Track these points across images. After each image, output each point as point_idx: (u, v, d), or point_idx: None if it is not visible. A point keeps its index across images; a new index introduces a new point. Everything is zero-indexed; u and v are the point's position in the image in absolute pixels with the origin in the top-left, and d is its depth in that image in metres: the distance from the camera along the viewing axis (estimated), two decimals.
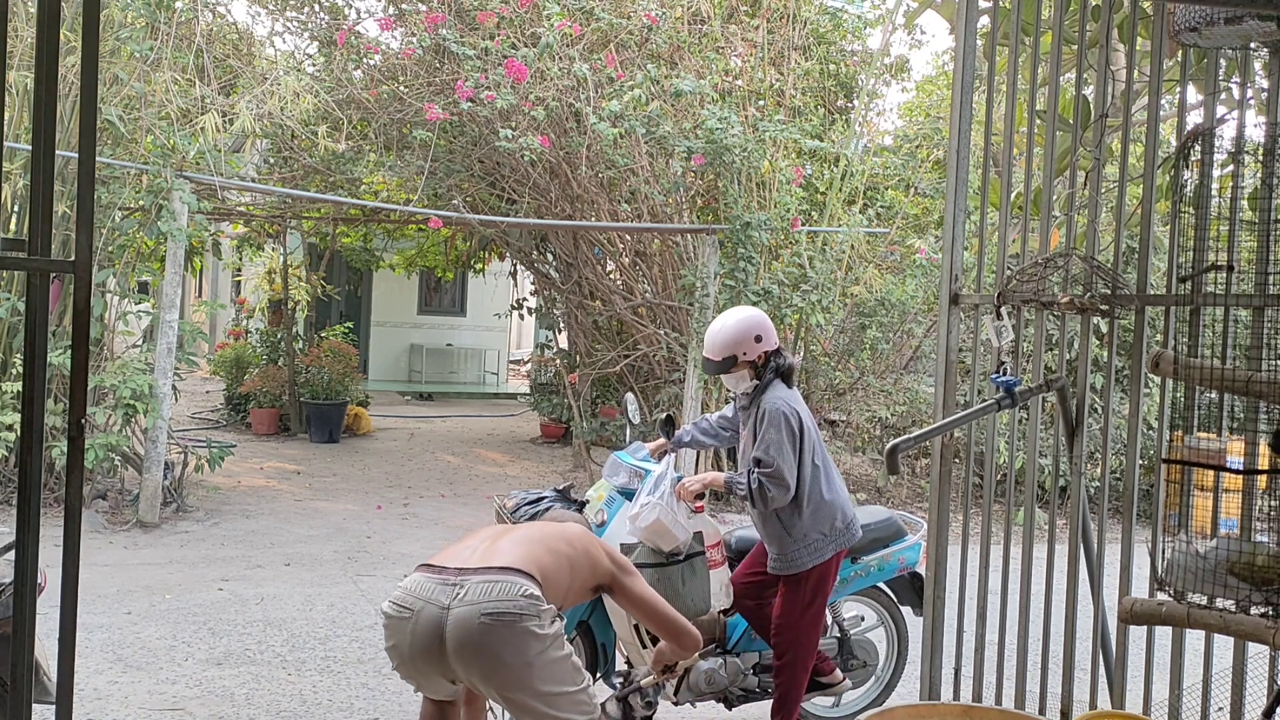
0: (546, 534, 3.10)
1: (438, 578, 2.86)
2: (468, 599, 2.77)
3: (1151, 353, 2.92)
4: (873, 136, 12.01)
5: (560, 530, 3.16)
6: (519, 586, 2.79)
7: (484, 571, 2.83)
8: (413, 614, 2.82)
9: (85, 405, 2.20)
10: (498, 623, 2.73)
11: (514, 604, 2.75)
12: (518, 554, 2.91)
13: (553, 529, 3.17)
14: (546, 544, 3.03)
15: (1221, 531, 2.80)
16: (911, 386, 10.41)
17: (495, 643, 2.73)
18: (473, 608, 2.75)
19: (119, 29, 7.77)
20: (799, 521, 3.93)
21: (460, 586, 2.80)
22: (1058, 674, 3.73)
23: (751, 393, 4.02)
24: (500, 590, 2.78)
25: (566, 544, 3.07)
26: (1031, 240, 3.88)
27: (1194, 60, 3.64)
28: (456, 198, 10.41)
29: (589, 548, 3.14)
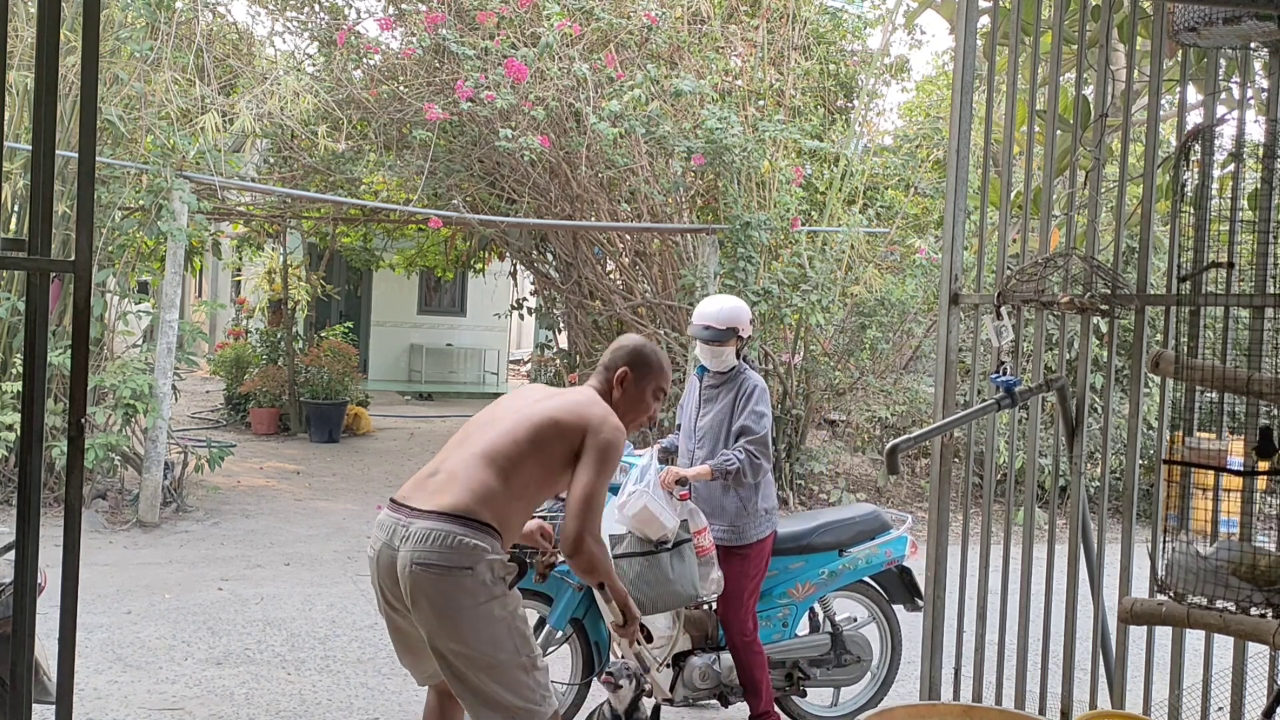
0: (524, 426, 2.92)
1: (394, 516, 2.85)
2: (409, 543, 2.74)
3: (1151, 353, 2.92)
4: (873, 136, 12.00)
5: (548, 410, 2.96)
6: (451, 536, 2.71)
7: (427, 516, 2.77)
8: (375, 554, 2.84)
9: (85, 405, 2.20)
10: (426, 572, 2.70)
11: (442, 554, 2.70)
12: (471, 485, 2.80)
13: (541, 410, 2.97)
14: (517, 444, 2.89)
15: (1222, 532, 2.80)
16: (911, 386, 10.41)
17: (426, 591, 2.70)
18: (409, 553, 2.73)
19: (119, 29, 7.77)
20: (755, 496, 4.15)
21: (407, 527, 2.77)
22: (1058, 674, 3.73)
23: (727, 372, 4.22)
24: (433, 539, 2.72)
25: (552, 425, 2.91)
26: (1031, 240, 3.88)
27: (1194, 60, 3.64)
28: (456, 198, 10.41)
29: (583, 415, 2.95)
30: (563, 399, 3.02)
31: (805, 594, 4.39)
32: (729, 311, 4.18)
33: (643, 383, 3.19)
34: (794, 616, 4.40)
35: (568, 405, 2.97)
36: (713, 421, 4.17)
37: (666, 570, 3.90)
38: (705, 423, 4.20)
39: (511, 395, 3.18)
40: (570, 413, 2.94)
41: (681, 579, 3.93)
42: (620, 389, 3.16)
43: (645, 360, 3.20)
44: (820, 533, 4.41)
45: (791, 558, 4.35)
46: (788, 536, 4.31)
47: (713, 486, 4.14)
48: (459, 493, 2.80)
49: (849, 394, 10.46)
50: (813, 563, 4.39)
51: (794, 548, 4.35)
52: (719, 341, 4.15)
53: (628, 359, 3.19)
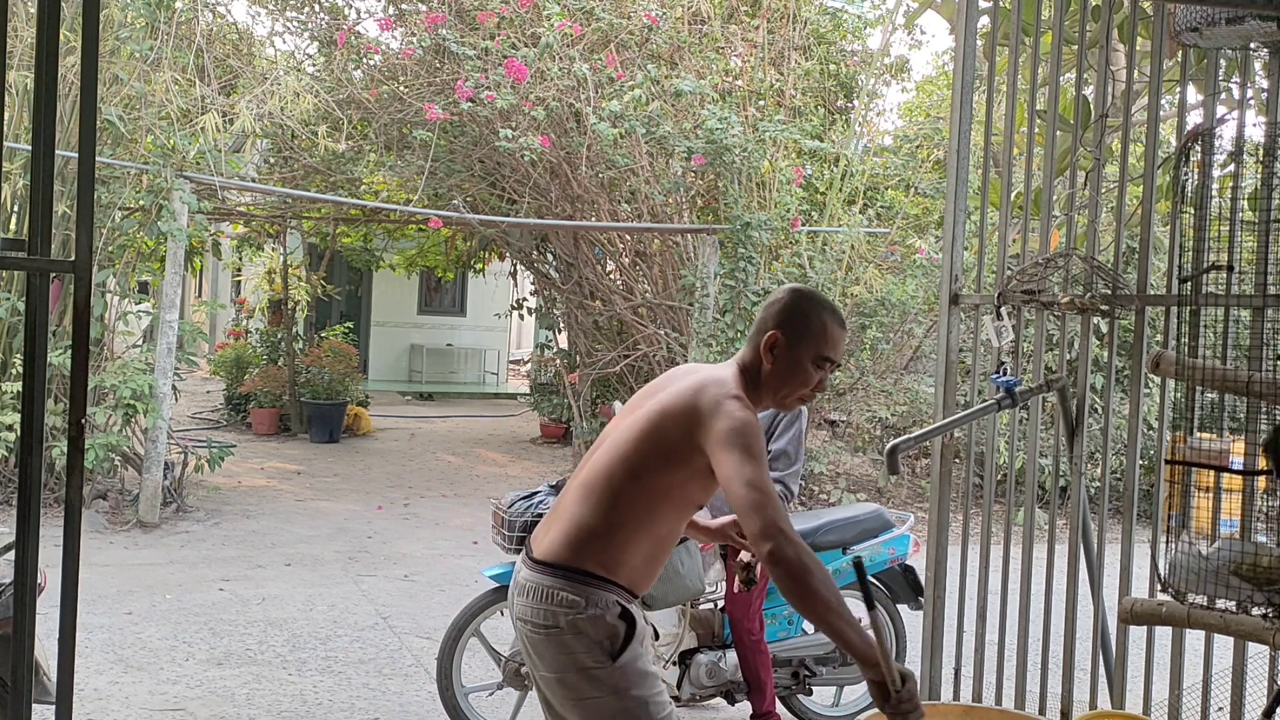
0: (625, 441, 2.37)
1: (521, 560, 2.48)
2: (518, 595, 2.41)
3: (1151, 353, 2.92)
4: (873, 136, 12.01)
5: (655, 409, 2.37)
6: (545, 591, 2.32)
7: (531, 566, 2.40)
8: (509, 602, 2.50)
9: (85, 405, 2.20)
10: (528, 629, 2.36)
11: (536, 611, 2.32)
12: (567, 528, 2.36)
13: (648, 411, 2.38)
14: (611, 468, 2.36)
15: (1223, 532, 2.80)
16: (911, 386, 10.41)
17: (533, 651, 2.37)
18: (517, 606, 2.41)
19: (119, 29, 7.77)
20: None
21: (517, 573, 2.44)
22: (1058, 674, 3.73)
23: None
24: (531, 594, 2.35)
25: (654, 429, 2.34)
26: (1031, 240, 3.88)
27: (1194, 60, 3.64)
28: (457, 198, 10.41)
29: (693, 402, 2.32)
30: (682, 385, 2.39)
31: None
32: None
33: (798, 348, 2.42)
34: (799, 614, 4.41)
35: (681, 393, 2.36)
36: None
37: (677, 565, 3.94)
38: None
39: (655, 381, 2.57)
40: (679, 401, 2.34)
41: (690, 573, 3.98)
42: (770, 357, 2.43)
43: (801, 318, 2.44)
44: (824, 531, 4.42)
45: None
46: None
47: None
48: (556, 537, 2.38)
49: (849, 394, 10.45)
50: None
51: None
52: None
53: (778, 318, 2.45)
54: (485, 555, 6.60)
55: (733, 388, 2.35)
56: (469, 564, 7.01)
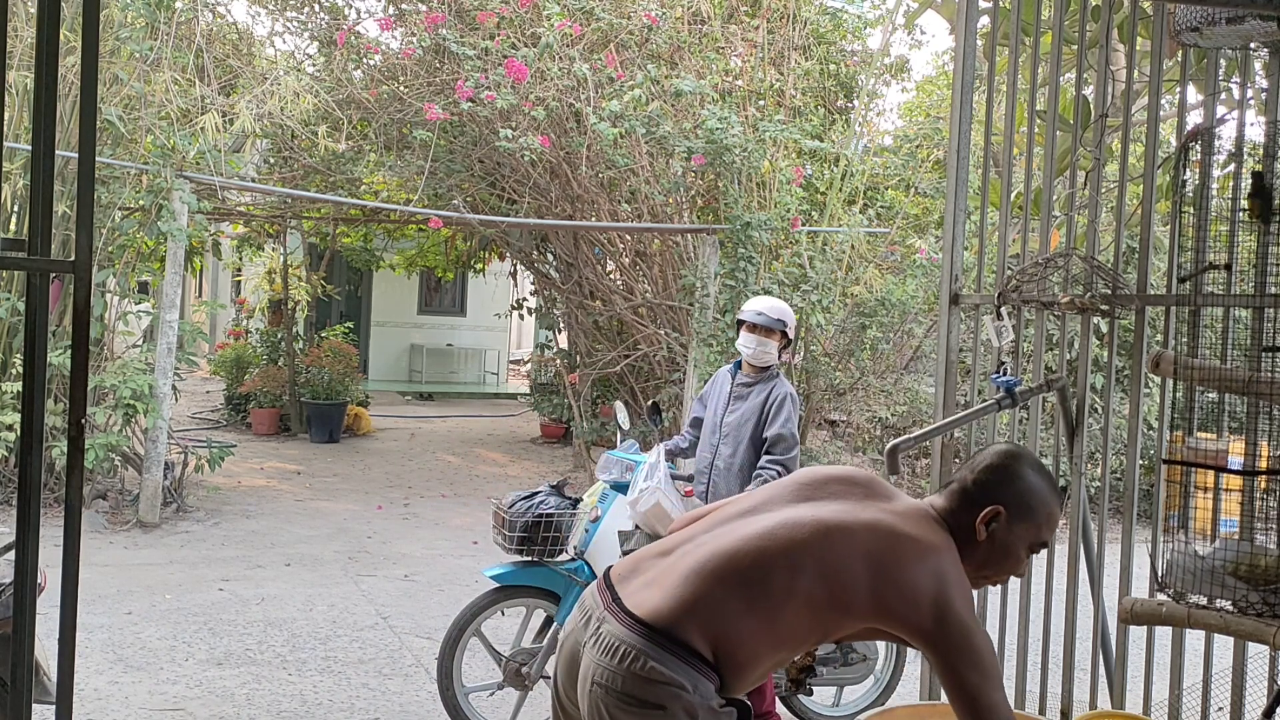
0: (803, 531, 1.99)
1: (596, 597, 2.09)
2: (595, 649, 2.00)
3: (1151, 353, 2.92)
4: (873, 136, 12.01)
5: (843, 519, 2.01)
6: (642, 660, 1.93)
7: (625, 619, 1.99)
8: (565, 635, 2.12)
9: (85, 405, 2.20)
10: (607, 696, 1.96)
11: (626, 679, 1.94)
12: (697, 589, 1.97)
13: (828, 517, 2.01)
14: (785, 558, 1.97)
15: (1222, 532, 2.80)
16: (911, 386, 10.42)
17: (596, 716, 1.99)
18: (590, 663, 2.00)
19: (119, 29, 7.77)
20: None
21: (600, 624, 2.03)
22: (1058, 674, 3.73)
23: (763, 370, 4.31)
24: (620, 655, 1.95)
25: (850, 554, 1.97)
26: (1031, 240, 3.88)
27: (1194, 60, 3.64)
28: (457, 198, 10.41)
29: (901, 558, 1.96)
30: (893, 552, 1.98)
31: None
32: (781, 308, 4.38)
33: (1020, 531, 2.09)
34: None
35: (908, 570, 1.97)
36: (739, 420, 4.21)
37: None
38: (732, 420, 4.23)
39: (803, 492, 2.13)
40: (908, 586, 1.96)
41: None
42: (985, 531, 2.07)
43: (1032, 502, 2.09)
44: None
45: None
46: None
47: (733, 484, 4.16)
48: (683, 587, 2.00)
49: (849, 394, 10.46)
50: None
51: None
52: (766, 330, 4.23)
53: (1006, 492, 2.08)
54: (485, 555, 6.60)
55: (957, 572, 1.99)
56: (469, 564, 7.01)
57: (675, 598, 1.97)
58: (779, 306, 4.39)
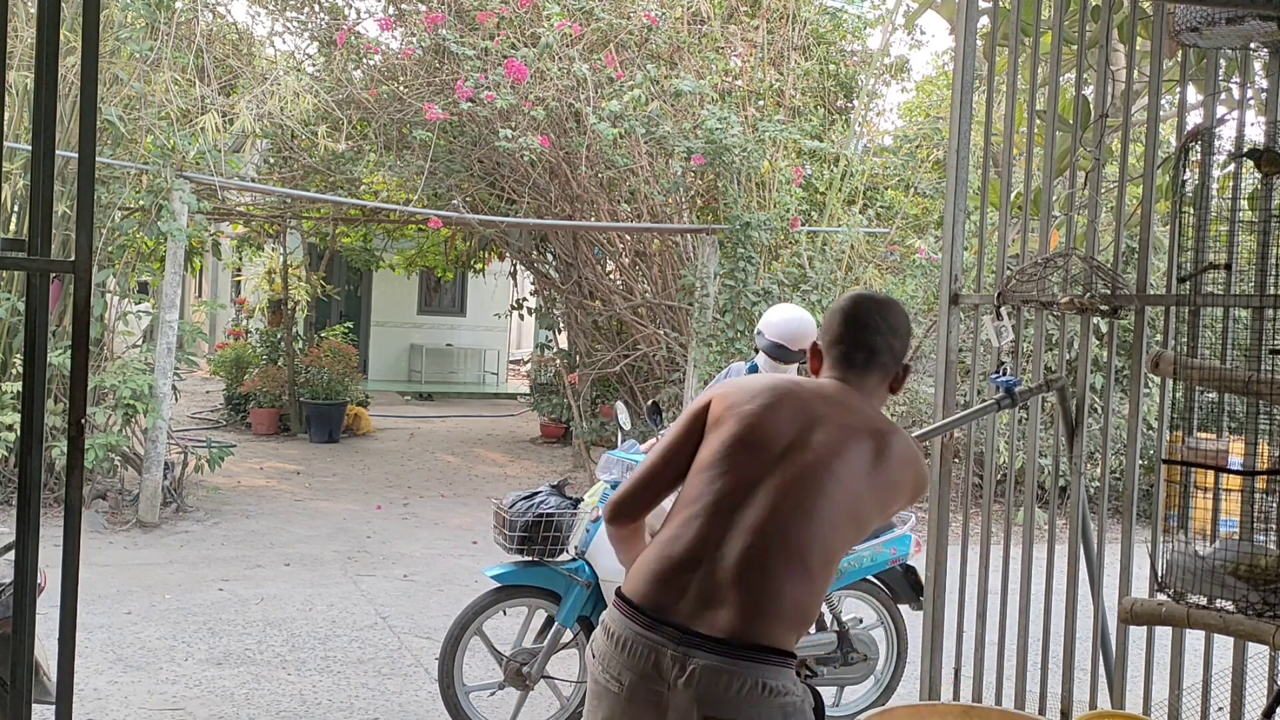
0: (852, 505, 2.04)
1: (653, 635, 1.95)
2: (693, 684, 1.90)
3: (1151, 353, 2.92)
4: (873, 136, 12.01)
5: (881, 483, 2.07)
6: (757, 683, 1.89)
7: (717, 646, 1.91)
8: (621, 689, 1.97)
9: (85, 405, 2.20)
10: None
11: (739, 705, 1.89)
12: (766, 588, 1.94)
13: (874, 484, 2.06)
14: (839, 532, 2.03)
15: (1222, 532, 2.80)
16: (911, 386, 10.41)
17: None
18: (688, 703, 1.90)
19: (119, 29, 7.77)
20: None
21: (686, 659, 1.91)
22: (1058, 674, 3.73)
23: None
24: (730, 685, 1.89)
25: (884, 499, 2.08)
26: (1031, 240, 3.88)
27: (1194, 60, 3.64)
28: (456, 198, 10.41)
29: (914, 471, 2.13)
30: (880, 456, 2.08)
31: None
32: (803, 332, 4.17)
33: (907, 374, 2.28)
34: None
35: (900, 467, 2.10)
36: None
37: None
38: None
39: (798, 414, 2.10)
40: (903, 479, 2.11)
41: None
42: (896, 390, 2.25)
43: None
44: None
45: None
46: None
47: None
48: (775, 603, 1.95)
49: None
50: None
51: None
52: (786, 362, 4.15)
53: (906, 347, 2.24)
54: (485, 555, 6.60)
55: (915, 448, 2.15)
56: (468, 564, 7.01)
57: (754, 606, 1.92)
58: (800, 334, 4.15)
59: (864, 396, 2.17)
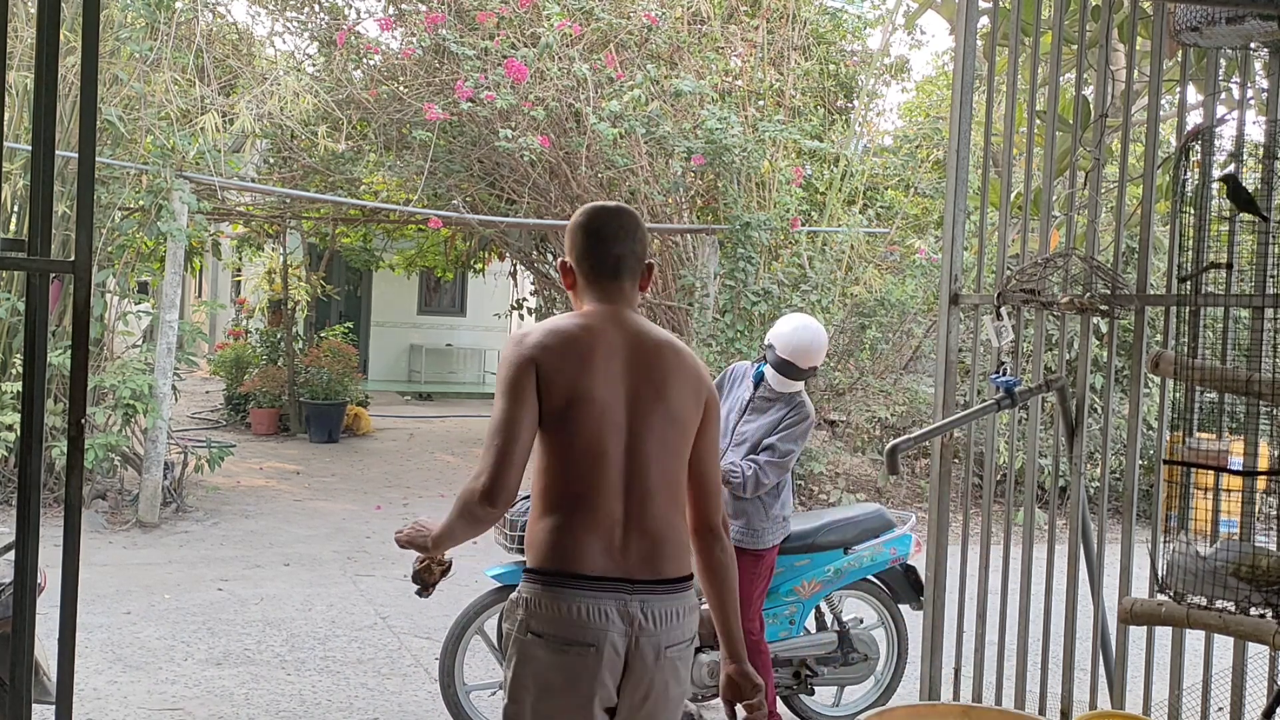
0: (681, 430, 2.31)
1: (614, 595, 2.22)
2: (658, 626, 2.23)
3: (1151, 353, 2.92)
4: (873, 136, 12.01)
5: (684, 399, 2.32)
6: (689, 606, 2.31)
7: (659, 587, 2.25)
8: (597, 652, 2.19)
9: (85, 405, 2.20)
10: (679, 652, 2.29)
11: (688, 629, 2.30)
12: (676, 533, 2.29)
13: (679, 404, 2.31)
14: (678, 471, 2.32)
15: (1222, 532, 2.80)
16: (911, 386, 10.41)
17: (676, 670, 2.28)
18: (655, 645, 2.23)
19: (119, 29, 7.77)
20: (776, 501, 4.14)
21: (644, 605, 2.23)
22: (1058, 674, 3.73)
23: (786, 391, 4.18)
24: (683, 615, 2.29)
25: (689, 424, 2.33)
26: (1031, 240, 3.88)
27: (1194, 60, 3.64)
28: (456, 198, 10.41)
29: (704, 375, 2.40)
30: (679, 368, 2.36)
31: (811, 591, 4.40)
32: (814, 351, 4.10)
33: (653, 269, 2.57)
34: (800, 614, 4.42)
35: (696, 376, 2.38)
36: (756, 430, 4.12)
37: None
38: (748, 430, 4.15)
39: (615, 353, 2.34)
40: (704, 385, 2.39)
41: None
42: (646, 288, 2.54)
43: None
44: (826, 531, 4.42)
45: (797, 556, 4.37)
46: (794, 535, 4.32)
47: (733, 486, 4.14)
48: (675, 544, 2.34)
49: (849, 394, 10.46)
50: (818, 560, 4.40)
51: (800, 546, 4.36)
52: (795, 379, 4.14)
53: (646, 248, 2.50)
54: (485, 555, 6.60)
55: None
56: (468, 564, 6.98)
57: (667, 547, 2.26)
58: (811, 352, 4.08)
59: (630, 307, 2.46)
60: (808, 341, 4.11)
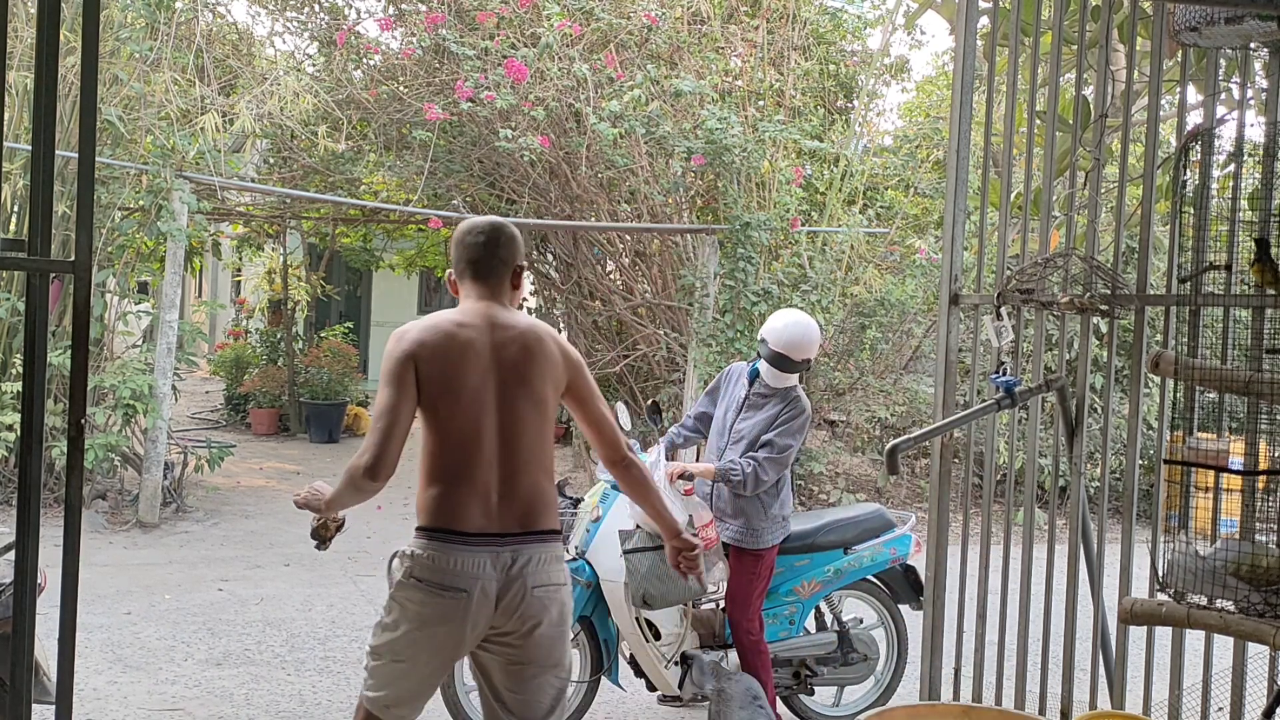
0: (538, 417, 2.73)
1: (486, 548, 2.65)
2: (533, 571, 2.68)
3: (1151, 353, 2.92)
4: (873, 136, 12.01)
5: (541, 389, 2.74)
6: (554, 555, 2.73)
7: (527, 538, 2.69)
8: (468, 595, 2.62)
9: (85, 405, 2.20)
10: (557, 591, 2.73)
11: (555, 575, 2.72)
12: (544, 495, 2.73)
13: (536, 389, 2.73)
14: (544, 433, 2.75)
15: (1222, 532, 2.80)
16: (911, 386, 10.41)
17: (552, 605, 2.72)
18: (527, 586, 2.66)
19: (119, 29, 7.77)
20: (775, 501, 4.14)
21: (517, 554, 2.67)
22: (1058, 674, 3.73)
23: (783, 387, 4.18)
24: (553, 559, 2.72)
25: (547, 402, 2.75)
26: (1031, 240, 3.88)
27: (1194, 60, 3.64)
28: (456, 198, 10.40)
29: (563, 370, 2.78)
30: (539, 355, 2.75)
31: (811, 591, 4.40)
32: (806, 343, 4.11)
33: (523, 271, 2.95)
34: (800, 614, 4.42)
35: (551, 351, 2.77)
36: (752, 427, 4.13)
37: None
38: (745, 427, 4.16)
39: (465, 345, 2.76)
40: (559, 359, 2.78)
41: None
42: (517, 286, 2.90)
43: (522, 246, 2.95)
44: (826, 531, 4.42)
45: (797, 555, 4.37)
46: (794, 535, 4.32)
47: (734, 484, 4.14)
48: (538, 499, 2.80)
49: (849, 394, 10.46)
50: (818, 560, 4.40)
51: (800, 546, 4.36)
52: (789, 372, 4.14)
53: (521, 252, 2.89)
54: None
55: (545, 326, 2.85)
56: None
57: (533, 505, 2.70)
58: (803, 345, 4.09)
59: (503, 300, 2.85)
60: (800, 334, 4.12)
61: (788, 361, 4.09)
